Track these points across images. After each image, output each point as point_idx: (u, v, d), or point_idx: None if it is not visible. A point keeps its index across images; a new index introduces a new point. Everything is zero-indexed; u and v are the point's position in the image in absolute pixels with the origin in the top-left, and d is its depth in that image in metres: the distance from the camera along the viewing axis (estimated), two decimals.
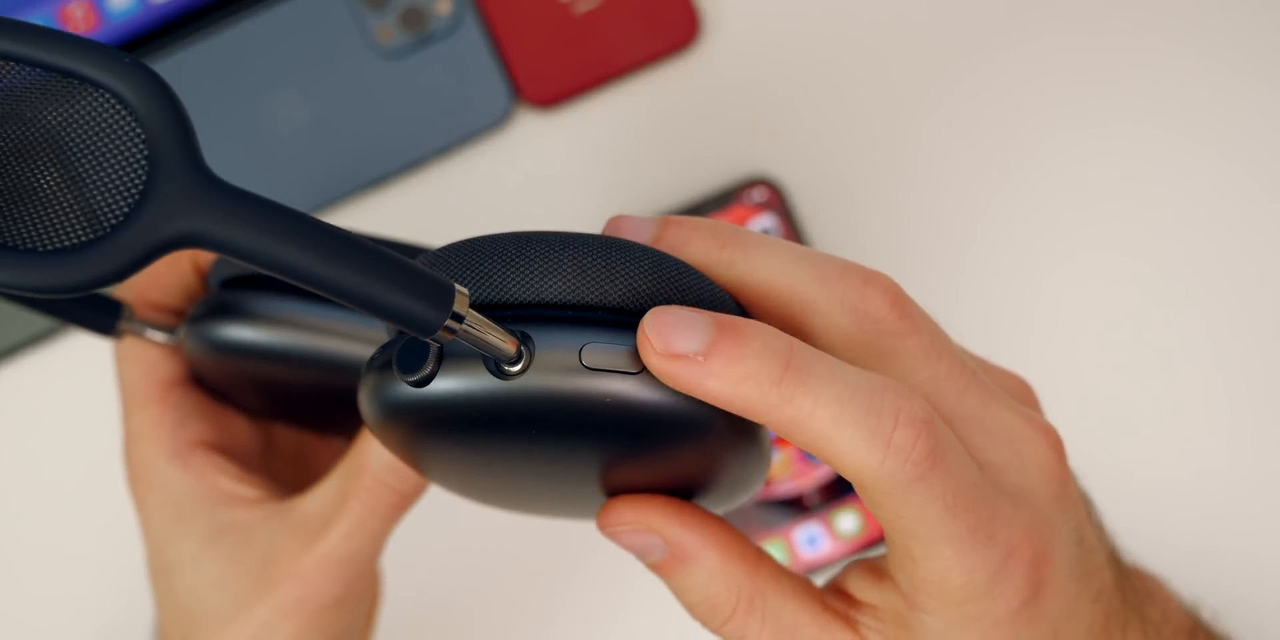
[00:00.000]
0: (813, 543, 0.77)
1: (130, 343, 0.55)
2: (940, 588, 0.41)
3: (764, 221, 0.77)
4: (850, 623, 0.44)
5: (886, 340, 0.42)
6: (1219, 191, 0.77)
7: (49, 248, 0.31)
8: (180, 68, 0.78)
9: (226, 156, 0.78)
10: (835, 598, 0.45)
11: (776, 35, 0.79)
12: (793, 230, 0.77)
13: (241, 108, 0.78)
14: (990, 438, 0.43)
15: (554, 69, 0.79)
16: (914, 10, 0.79)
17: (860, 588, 0.45)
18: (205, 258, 0.56)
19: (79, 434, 0.75)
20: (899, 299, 0.42)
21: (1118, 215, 0.78)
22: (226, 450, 0.56)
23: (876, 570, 0.45)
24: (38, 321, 0.78)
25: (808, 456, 0.77)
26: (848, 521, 0.77)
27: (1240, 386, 0.77)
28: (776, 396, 0.38)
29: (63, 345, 0.79)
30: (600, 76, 0.79)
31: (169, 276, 0.56)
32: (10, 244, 0.31)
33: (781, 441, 0.77)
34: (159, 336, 0.55)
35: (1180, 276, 0.77)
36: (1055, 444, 0.44)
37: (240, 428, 0.58)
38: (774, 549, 0.77)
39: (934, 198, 0.78)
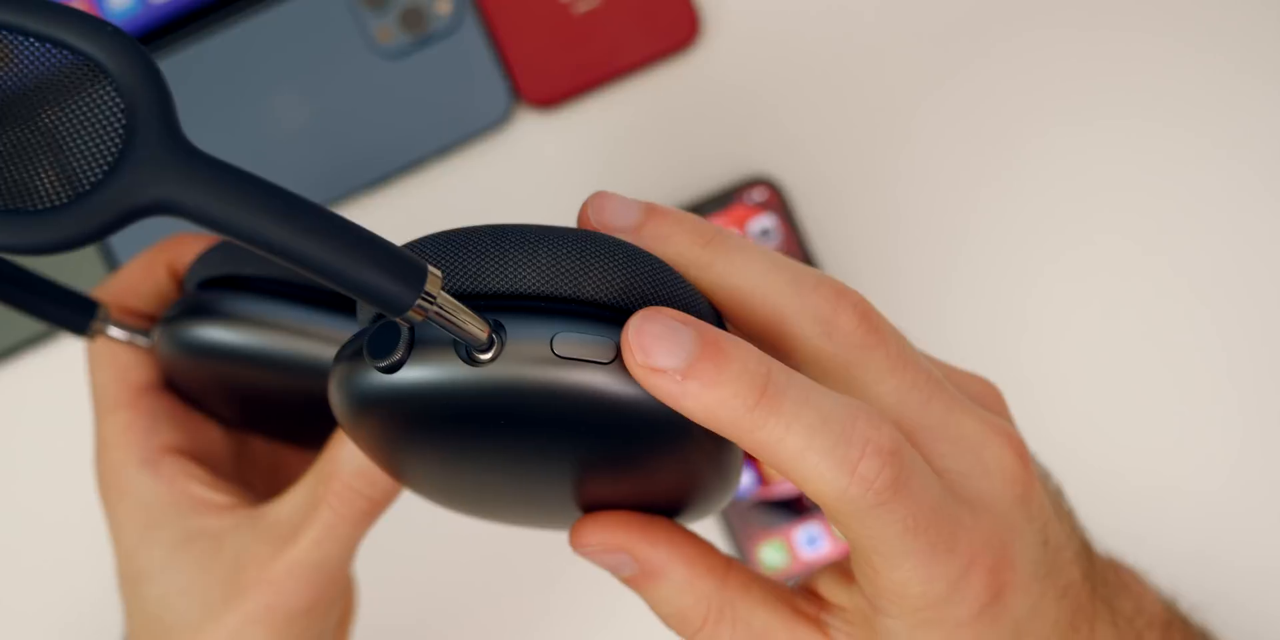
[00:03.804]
0: (813, 543, 0.77)
1: (103, 347, 0.55)
2: (900, 595, 0.42)
3: (764, 221, 0.77)
4: (820, 625, 0.45)
5: (854, 352, 0.42)
6: (1222, 189, 0.77)
7: (22, 208, 0.32)
8: (180, 68, 0.78)
9: (226, 156, 0.77)
10: (806, 600, 0.46)
11: (776, 35, 0.79)
12: (792, 230, 0.77)
13: (241, 108, 0.78)
14: (954, 445, 0.43)
15: (554, 69, 0.78)
16: (914, 10, 0.78)
17: (829, 589, 0.46)
18: (181, 264, 0.57)
19: (78, 435, 0.75)
20: (868, 314, 0.43)
21: (1119, 214, 0.77)
22: (198, 457, 0.56)
23: (844, 572, 0.46)
24: (37, 322, 0.78)
25: None
26: None
27: (1242, 386, 0.76)
28: (749, 422, 0.38)
29: (63, 346, 0.79)
30: (600, 76, 0.79)
31: (145, 283, 0.56)
32: None
33: None
34: (133, 338, 0.55)
35: (1180, 276, 0.77)
36: (1017, 447, 0.44)
37: (213, 435, 0.58)
38: (774, 549, 0.77)
39: (934, 197, 0.78)
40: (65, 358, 0.79)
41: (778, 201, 0.77)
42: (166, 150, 0.33)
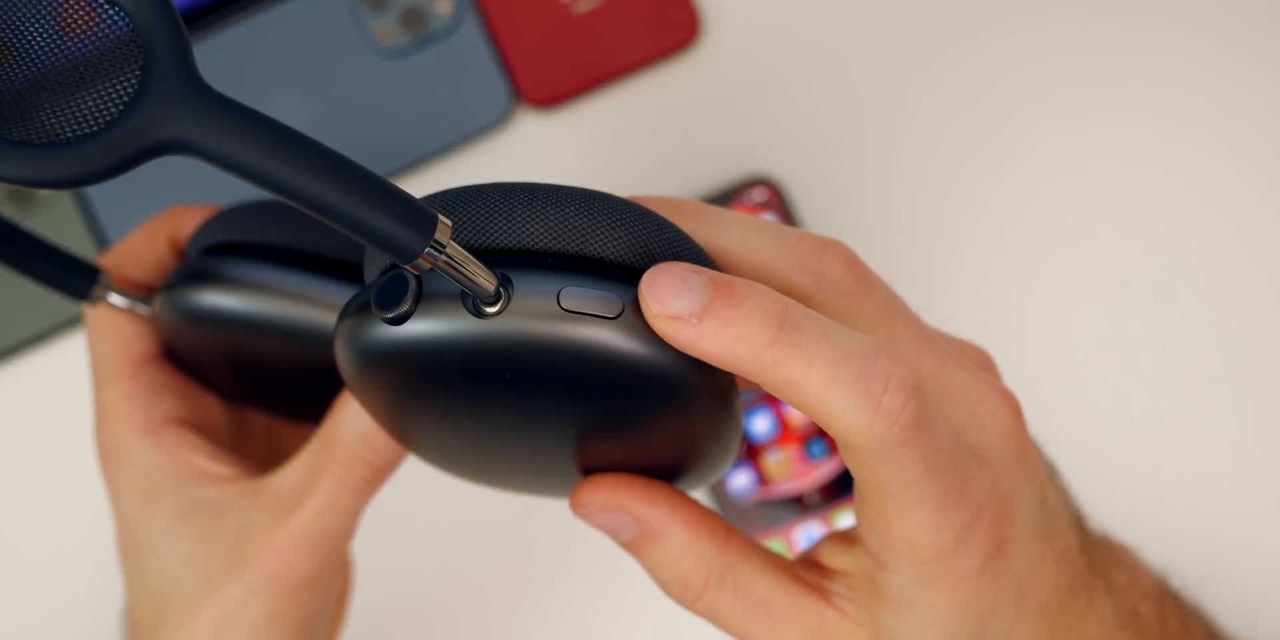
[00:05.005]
0: (812, 542, 0.76)
1: (103, 317, 0.55)
2: (909, 545, 0.42)
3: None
4: (822, 592, 0.45)
5: (844, 299, 0.43)
6: (1222, 182, 0.77)
7: (39, 141, 0.32)
8: None
9: None
10: (807, 569, 0.46)
11: (776, 35, 0.79)
12: None
13: None
14: (948, 398, 0.43)
15: (554, 69, 0.79)
16: (913, 9, 0.79)
17: (832, 555, 0.45)
18: (182, 235, 0.56)
19: (77, 433, 0.75)
20: (854, 262, 0.43)
21: (1119, 207, 0.77)
22: (199, 428, 0.55)
23: (847, 538, 0.46)
24: (38, 321, 0.78)
25: (808, 456, 0.76)
26: (848, 521, 0.76)
27: (1241, 379, 0.76)
28: (770, 358, 0.38)
29: (62, 345, 0.79)
30: (600, 76, 0.79)
31: (145, 254, 0.56)
32: (1, 136, 0.32)
33: (779, 441, 0.76)
34: (134, 306, 0.55)
35: (1182, 268, 0.77)
36: (1013, 406, 0.44)
37: (213, 407, 0.58)
38: (774, 548, 0.76)
39: (935, 196, 0.78)
40: (65, 357, 0.79)
41: (778, 201, 0.77)
42: (183, 89, 0.33)
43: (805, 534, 0.76)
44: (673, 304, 0.38)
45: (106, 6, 0.33)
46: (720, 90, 0.79)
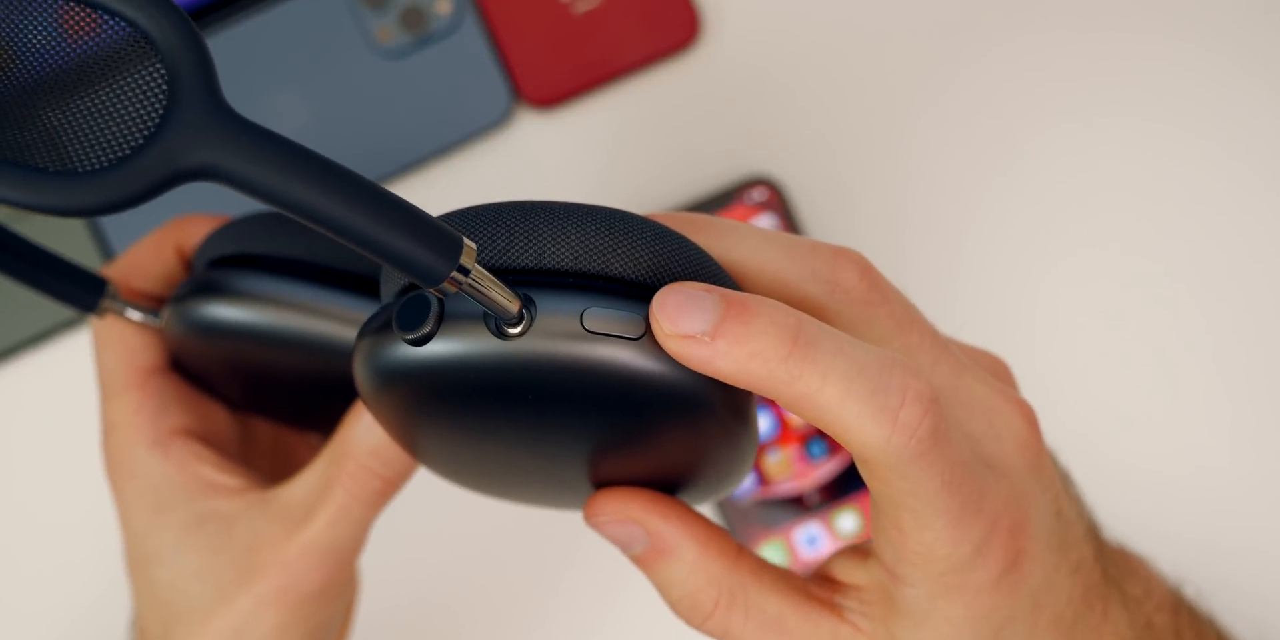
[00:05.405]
0: (813, 543, 0.77)
1: (110, 328, 0.55)
2: (925, 559, 0.41)
3: (764, 221, 0.77)
4: (834, 609, 0.45)
5: (859, 309, 0.42)
6: (1221, 187, 0.77)
7: (65, 170, 0.32)
8: None
9: None
10: (819, 585, 0.45)
11: (776, 35, 0.79)
12: (793, 230, 0.77)
13: (242, 108, 0.78)
14: (965, 408, 0.43)
15: (554, 69, 0.79)
16: (914, 10, 0.79)
17: (845, 570, 0.45)
18: (189, 245, 0.56)
19: (77, 435, 0.75)
20: (868, 271, 0.43)
21: (1119, 212, 0.77)
22: (207, 439, 0.55)
23: (860, 551, 0.45)
24: (38, 321, 0.78)
25: (808, 456, 0.77)
26: (848, 521, 0.76)
27: (1242, 381, 0.76)
28: (784, 374, 0.38)
29: (63, 345, 0.79)
30: (600, 76, 0.79)
31: (152, 264, 0.56)
32: (28, 164, 0.32)
33: (779, 441, 0.76)
34: (143, 318, 0.55)
35: (1183, 272, 0.77)
36: (1029, 416, 0.44)
37: (220, 417, 0.57)
38: (774, 549, 0.76)
39: (935, 197, 0.78)
40: (65, 357, 0.79)
41: (778, 201, 0.77)
42: (208, 115, 0.33)
43: (805, 534, 0.77)
44: (684, 323, 0.38)
45: (128, 33, 0.33)
46: (720, 90, 0.79)
